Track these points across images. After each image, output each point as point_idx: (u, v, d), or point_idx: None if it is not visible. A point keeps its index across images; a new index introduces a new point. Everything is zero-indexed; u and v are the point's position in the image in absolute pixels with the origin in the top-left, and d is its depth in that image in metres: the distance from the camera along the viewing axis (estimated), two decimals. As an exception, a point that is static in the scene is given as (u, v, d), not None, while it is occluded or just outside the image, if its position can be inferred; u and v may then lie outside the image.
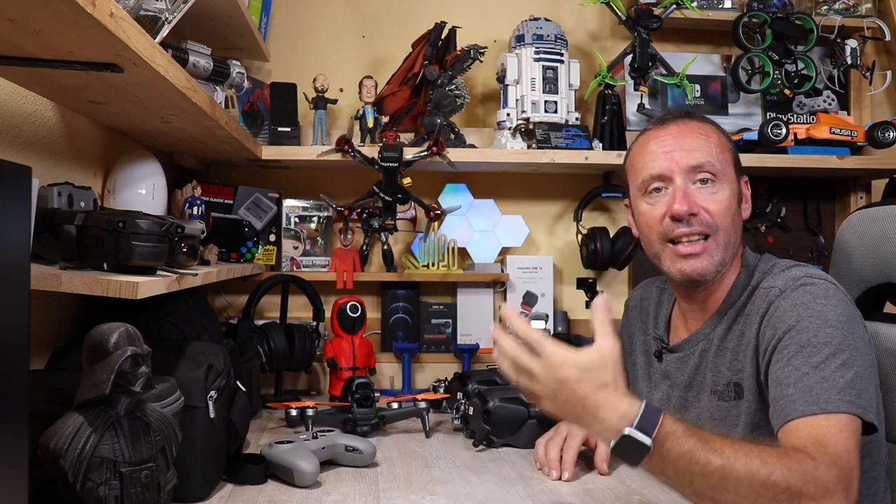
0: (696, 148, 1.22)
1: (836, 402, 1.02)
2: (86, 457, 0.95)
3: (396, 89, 2.15)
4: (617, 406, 0.94)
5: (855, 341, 1.09)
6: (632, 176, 1.31)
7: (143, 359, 1.00)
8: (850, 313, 1.12)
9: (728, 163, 1.25)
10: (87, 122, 1.51)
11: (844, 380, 1.04)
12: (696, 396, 1.27)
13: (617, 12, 2.15)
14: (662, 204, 1.23)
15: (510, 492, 1.31)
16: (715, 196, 1.21)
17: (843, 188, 2.40)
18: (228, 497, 1.27)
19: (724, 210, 1.21)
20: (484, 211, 2.29)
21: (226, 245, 2.04)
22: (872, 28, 2.28)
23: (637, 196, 1.29)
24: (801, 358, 1.07)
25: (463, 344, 2.23)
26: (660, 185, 1.24)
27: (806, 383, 1.05)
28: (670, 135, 1.25)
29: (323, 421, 1.62)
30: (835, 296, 1.13)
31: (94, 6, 0.84)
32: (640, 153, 1.28)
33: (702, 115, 1.31)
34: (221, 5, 1.75)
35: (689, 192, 1.21)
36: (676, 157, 1.22)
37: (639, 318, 1.46)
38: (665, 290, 1.43)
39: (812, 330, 1.09)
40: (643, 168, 1.26)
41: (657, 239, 1.25)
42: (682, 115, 1.28)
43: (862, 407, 1.03)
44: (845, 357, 1.06)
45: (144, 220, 1.14)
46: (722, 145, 1.25)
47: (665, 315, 1.40)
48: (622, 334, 1.52)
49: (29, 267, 0.85)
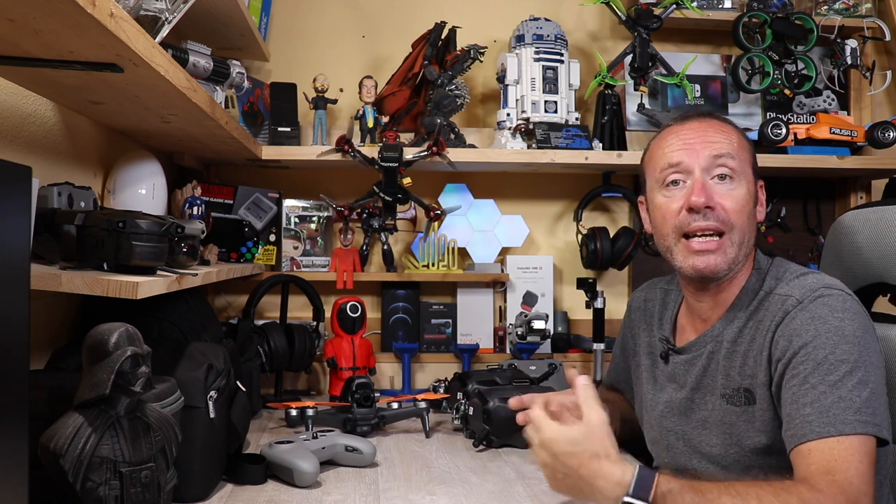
0: (716, 140, 1.23)
1: (853, 423, 1.02)
2: (86, 457, 0.95)
3: (396, 89, 2.15)
4: (610, 475, 1.00)
5: (870, 356, 1.09)
6: (649, 169, 1.30)
7: (143, 359, 1.00)
8: (865, 325, 1.12)
9: (746, 162, 1.25)
10: (87, 122, 1.51)
11: (861, 399, 1.04)
12: (703, 399, 1.26)
13: (617, 12, 2.15)
14: (680, 197, 1.22)
15: (510, 492, 1.31)
16: (732, 193, 1.21)
17: (843, 188, 2.40)
18: (228, 497, 1.27)
19: (740, 208, 1.20)
20: (484, 211, 2.30)
21: (226, 245, 2.04)
22: (872, 28, 2.28)
23: (654, 189, 1.28)
24: (817, 376, 1.07)
25: (463, 344, 2.23)
26: (678, 177, 1.23)
27: (823, 403, 1.05)
28: (691, 129, 1.25)
29: (323, 421, 1.62)
30: (851, 308, 1.12)
31: (94, 6, 0.84)
32: (660, 146, 1.28)
33: (722, 116, 1.31)
34: (221, 5, 1.75)
35: (708, 186, 1.21)
36: (697, 148, 1.22)
37: (643, 318, 1.45)
38: (670, 291, 1.42)
39: (829, 346, 1.08)
40: (662, 158, 1.26)
41: (671, 232, 1.24)
42: (704, 114, 1.29)
43: (877, 425, 1.04)
44: (861, 374, 1.06)
45: (144, 220, 1.14)
46: (742, 144, 1.25)
47: (671, 316, 1.39)
48: (625, 335, 1.51)
49: (29, 267, 0.85)
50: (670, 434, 1.30)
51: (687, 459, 1.27)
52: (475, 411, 1.62)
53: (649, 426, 1.37)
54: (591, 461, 1.01)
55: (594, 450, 1.01)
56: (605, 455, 1.01)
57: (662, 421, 1.32)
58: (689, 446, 1.27)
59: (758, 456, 1.16)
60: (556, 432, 1.05)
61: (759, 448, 1.16)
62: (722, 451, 1.21)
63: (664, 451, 1.32)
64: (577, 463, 1.02)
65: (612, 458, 1.01)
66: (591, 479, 1.01)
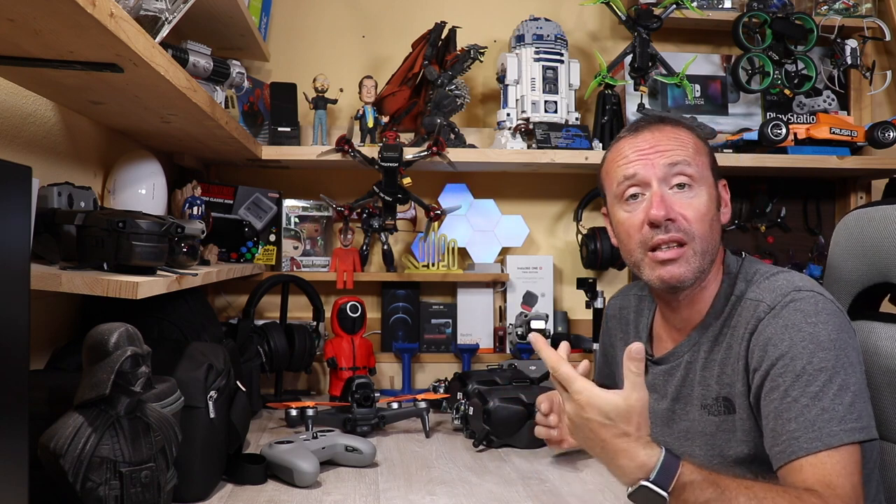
0: (671, 149, 1.20)
1: (839, 433, 1.02)
2: (86, 457, 0.95)
3: (396, 89, 2.15)
4: (635, 456, 0.95)
5: (848, 356, 1.08)
6: (607, 183, 1.28)
7: (143, 359, 1.00)
8: (840, 324, 1.11)
9: (705, 166, 1.22)
10: (87, 122, 1.51)
11: (844, 406, 1.04)
12: (683, 409, 1.26)
13: (617, 12, 2.15)
14: (640, 211, 1.20)
15: (510, 492, 1.31)
16: (692, 202, 1.19)
17: (842, 188, 2.40)
18: (228, 497, 1.27)
19: (701, 216, 1.18)
20: (484, 211, 2.30)
21: (226, 245, 2.04)
22: (872, 28, 2.28)
23: (614, 203, 1.26)
24: (798, 388, 1.06)
25: (463, 344, 2.23)
26: (636, 190, 1.21)
27: (807, 417, 1.04)
28: (644, 139, 1.23)
29: (323, 421, 1.62)
30: (824, 310, 1.11)
31: (94, 6, 0.84)
32: (615, 159, 1.25)
33: (676, 120, 1.28)
34: (221, 5, 1.75)
35: (667, 197, 1.18)
36: (652, 159, 1.20)
37: (619, 327, 1.44)
38: (644, 297, 1.41)
39: (806, 356, 1.07)
40: (617, 172, 1.23)
41: (637, 247, 1.22)
42: (656, 121, 1.26)
43: (863, 429, 1.04)
44: (841, 379, 1.05)
45: (144, 220, 1.14)
46: (698, 148, 1.23)
47: (646, 325, 1.37)
48: (604, 343, 1.50)
49: (29, 267, 0.85)
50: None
51: None
52: (475, 411, 1.62)
53: None
54: (619, 438, 0.96)
55: (626, 429, 0.96)
56: (636, 437, 0.96)
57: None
58: None
59: (740, 466, 1.15)
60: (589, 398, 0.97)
61: (742, 458, 1.16)
62: (706, 462, 1.19)
63: None
64: (604, 436, 0.96)
65: (642, 441, 0.96)
66: (613, 454, 0.96)
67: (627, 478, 0.95)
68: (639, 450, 0.95)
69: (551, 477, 1.39)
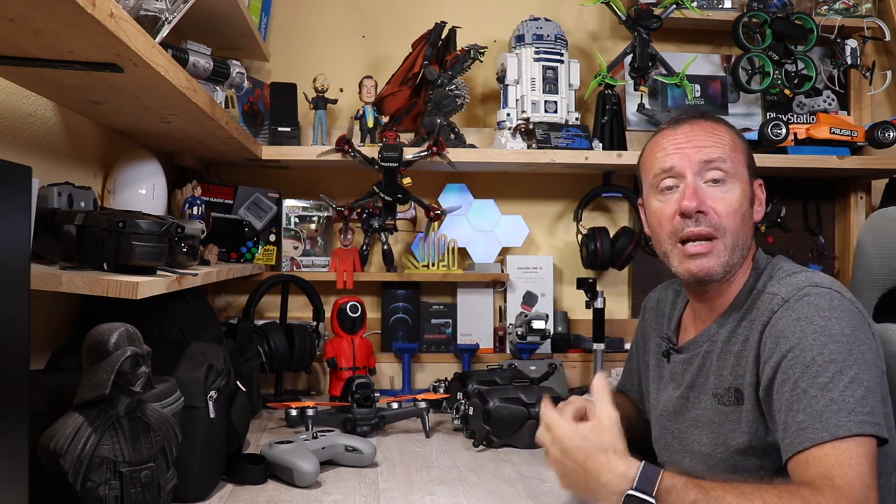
0: (708, 145, 1.23)
1: (847, 424, 1.01)
2: (86, 457, 0.95)
3: (396, 89, 2.15)
4: (615, 468, 1.00)
5: (862, 353, 1.07)
6: (644, 173, 1.31)
7: (143, 359, 1.00)
8: (856, 322, 1.10)
9: (741, 163, 1.24)
10: (87, 122, 1.51)
11: (854, 399, 1.02)
12: (696, 397, 1.27)
13: (617, 12, 2.15)
14: (673, 202, 1.23)
15: (510, 492, 1.31)
16: (725, 196, 1.20)
17: (842, 188, 2.40)
18: (228, 497, 1.27)
19: (732, 211, 1.20)
20: (484, 211, 2.29)
21: (226, 245, 2.04)
22: (872, 28, 2.28)
23: (650, 193, 1.29)
24: (807, 379, 1.05)
25: (463, 344, 2.23)
26: (671, 182, 1.24)
27: (815, 408, 1.03)
28: (684, 133, 1.25)
29: (323, 421, 1.62)
30: (839, 306, 1.10)
31: (94, 6, 0.84)
32: (653, 150, 1.28)
33: (716, 116, 1.30)
34: (221, 5, 1.75)
35: (700, 190, 1.20)
36: (688, 153, 1.22)
37: (654, 319, 1.46)
38: (680, 292, 1.43)
39: (816, 347, 1.07)
40: (654, 163, 1.26)
41: (667, 238, 1.24)
42: (696, 116, 1.28)
43: (875, 424, 1.02)
44: (853, 373, 1.04)
45: (144, 220, 1.14)
46: (735, 145, 1.25)
47: (677, 315, 1.39)
48: (637, 335, 1.52)
49: (29, 267, 0.85)
50: (668, 433, 1.31)
51: (680, 458, 1.27)
52: (475, 411, 1.62)
53: (654, 425, 1.38)
54: (597, 455, 1.01)
55: (602, 444, 1.02)
56: (612, 450, 1.01)
57: (662, 419, 1.33)
58: (683, 445, 1.27)
59: (741, 456, 1.16)
60: (566, 428, 1.06)
61: (741, 448, 1.16)
62: (710, 451, 1.21)
63: (663, 450, 1.33)
64: (583, 457, 1.03)
65: (619, 453, 1.01)
66: (597, 473, 1.01)
67: (613, 493, 0.99)
68: (618, 462, 1.01)
69: (551, 477, 1.39)
